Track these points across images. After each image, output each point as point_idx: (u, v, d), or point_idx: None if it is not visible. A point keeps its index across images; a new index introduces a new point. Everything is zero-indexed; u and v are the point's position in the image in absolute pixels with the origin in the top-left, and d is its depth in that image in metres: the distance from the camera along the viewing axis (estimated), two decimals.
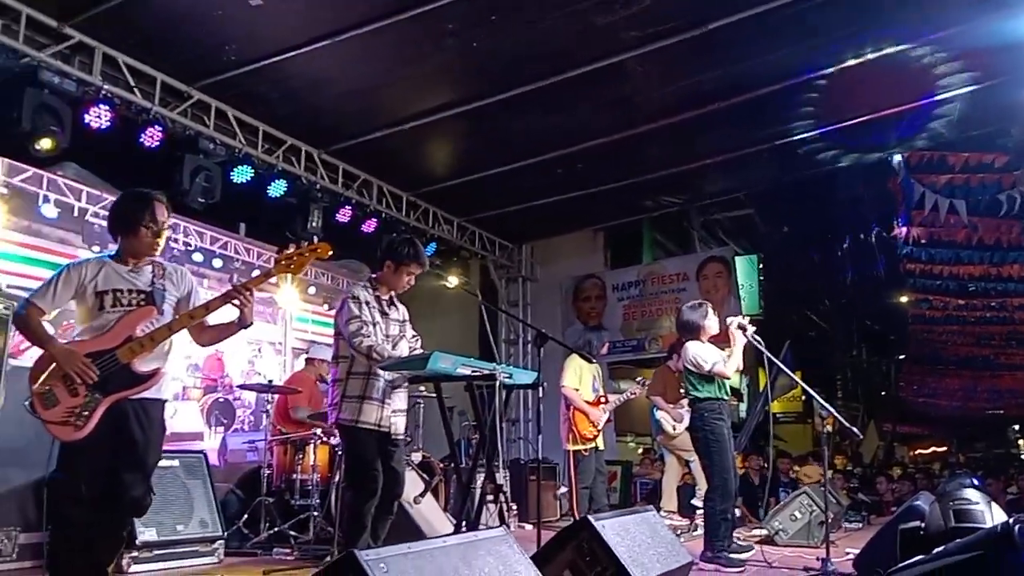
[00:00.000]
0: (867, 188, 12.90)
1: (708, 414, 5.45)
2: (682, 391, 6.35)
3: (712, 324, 5.68)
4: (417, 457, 6.69)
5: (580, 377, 6.78)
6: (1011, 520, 3.00)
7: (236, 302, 3.41)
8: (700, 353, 5.53)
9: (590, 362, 6.67)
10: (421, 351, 4.34)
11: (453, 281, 8.44)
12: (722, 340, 5.62)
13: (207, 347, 3.77)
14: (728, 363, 5.45)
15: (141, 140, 6.39)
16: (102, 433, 3.20)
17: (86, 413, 3.17)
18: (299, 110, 7.27)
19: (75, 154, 6.53)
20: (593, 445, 6.74)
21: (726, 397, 5.53)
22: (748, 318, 5.67)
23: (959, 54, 6.52)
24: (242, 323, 3.51)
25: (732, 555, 5.21)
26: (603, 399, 6.81)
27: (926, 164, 9.29)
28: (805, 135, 7.99)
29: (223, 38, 6.15)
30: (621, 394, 7.33)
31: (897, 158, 9.40)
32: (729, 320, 5.52)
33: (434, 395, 4.68)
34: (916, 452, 30.91)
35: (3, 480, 4.63)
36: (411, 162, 8.50)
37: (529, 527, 7.80)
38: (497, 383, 4.15)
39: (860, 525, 8.58)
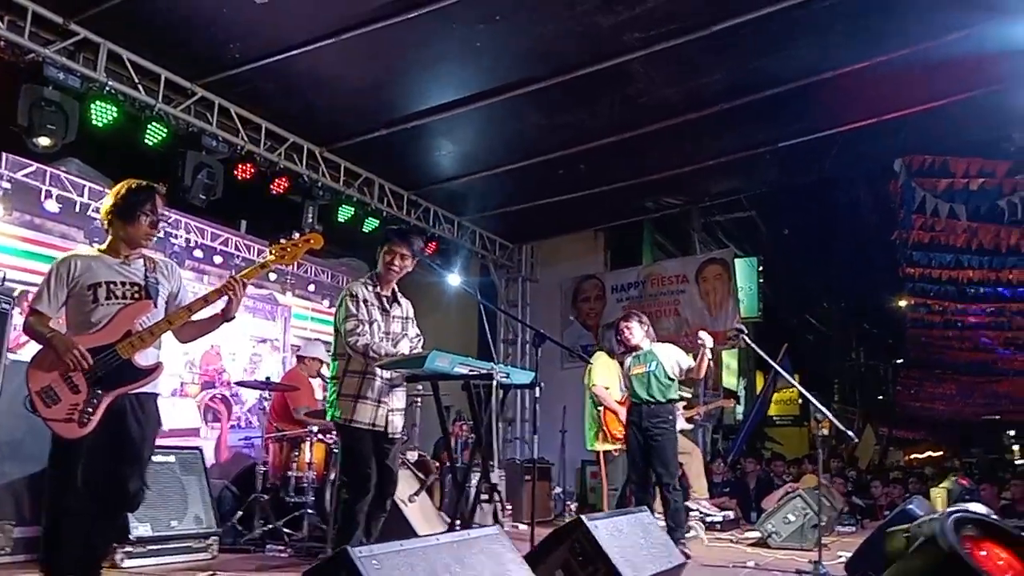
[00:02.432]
0: (867, 192, 12.92)
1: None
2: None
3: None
4: (413, 456, 6.70)
5: (609, 375, 6.77)
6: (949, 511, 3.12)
7: (229, 295, 3.44)
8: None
9: (588, 358, 6.71)
10: (421, 351, 4.35)
11: (452, 280, 8.45)
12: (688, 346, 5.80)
13: (187, 343, 3.79)
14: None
15: (144, 136, 6.42)
16: (99, 428, 3.21)
17: (90, 410, 3.19)
18: (302, 108, 7.29)
19: (78, 149, 6.56)
20: (622, 445, 6.69)
21: (636, 400, 5.83)
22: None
23: (962, 59, 6.52)
24: (226, 316, 3.55)
25: None
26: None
27: (928, 169, 9.28)
28: (807, 138, 7.99)
29: (228, 36, 6.17)
30: None
31: (899, 162, 9.40)
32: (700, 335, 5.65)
33: (431, 394, 4.70)
34: (912, 456, 30.90)
35: None
36: (412, 161, 8.51)
37: (523, 527, 7.82)
38: (494, 382, 4.18)
39: (854, 528, 8.60)
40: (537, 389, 4.56)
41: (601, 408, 6.68)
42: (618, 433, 6.61)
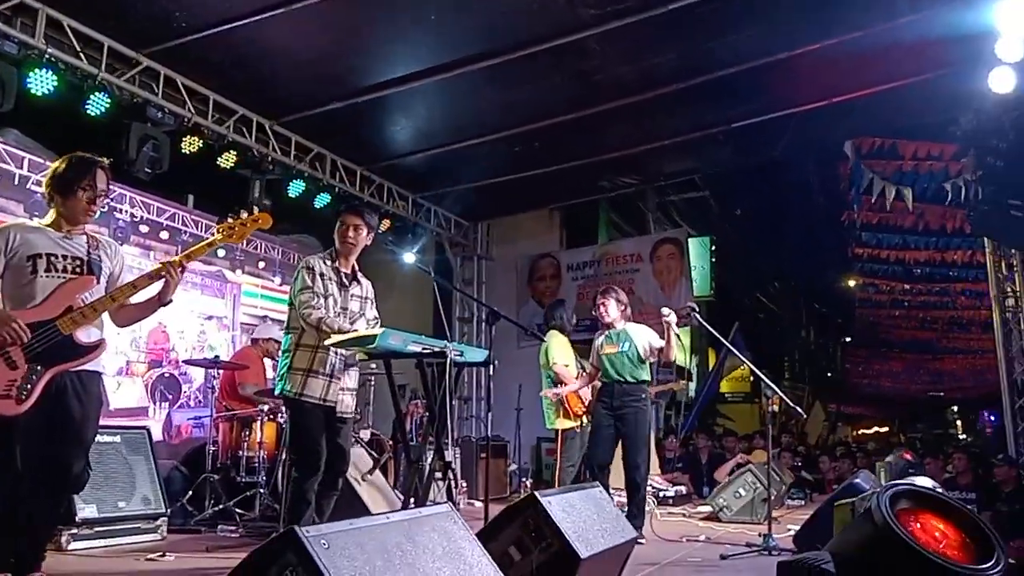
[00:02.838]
0: (818, 174, 13.12)
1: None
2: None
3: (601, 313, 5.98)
4: (366, 435, 6.66)
5: (567, 354, 6.76)
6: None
7: (165, 277, 3.35)
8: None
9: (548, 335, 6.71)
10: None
11: (407, 258, 8.37)
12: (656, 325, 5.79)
13: (124, 327, 3.70)
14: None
15: (86, 107, 6.20)
16: (38, 407, 3.12)
17: (28, 386, 3.09)
18: (251, 79, 7.11)
19: (17, 119, 6.32)
20: (580, 422, 6.66)
21: (607, 380, 5.77)
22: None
23: (912, 43, 6.61)
24: (162, 300, 3.45)
25: None
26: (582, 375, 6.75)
27: (877, 151, 9.43)
28: (760, 119, 8.05)
29: (174, 3, 5.97)
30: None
31: (849, 144, 9.54)
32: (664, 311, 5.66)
33: (383, 372, 4.65)
34: (859, 432, 31.72)
35: None
36: (366, 136, 8.37)
37: (479, 504, 7.84)
38: (447, 360, 4.15)
39: (802, 502, 8.79)
40: (491, 367, 4.54)
41: (561, 386, 6.69)
42: (578, 410, 6.63)
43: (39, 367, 3.13)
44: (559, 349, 6.74)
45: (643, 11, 6.14)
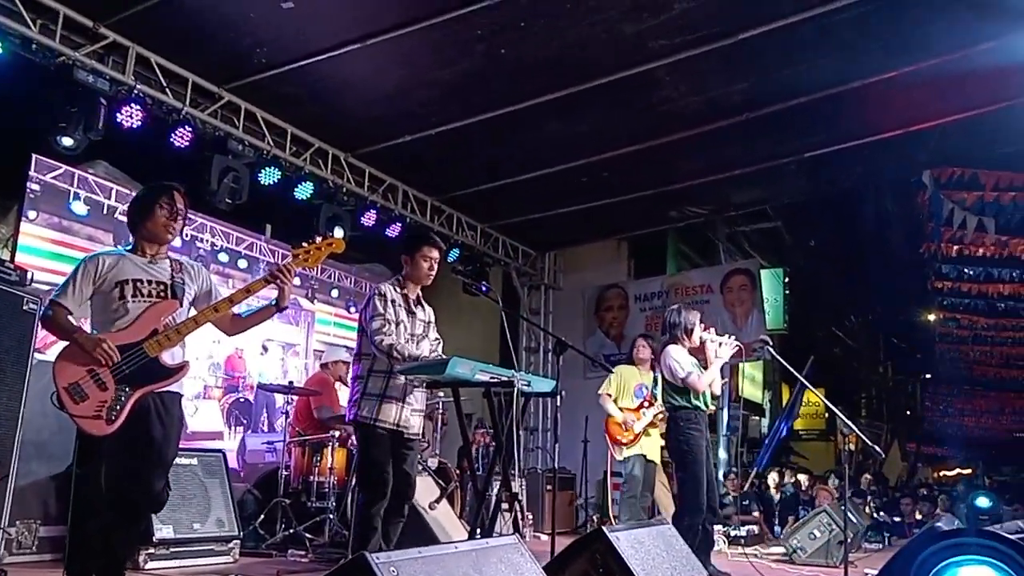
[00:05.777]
0: (895, 204, 12.77)
1: (683, 424, 5.31)
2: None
3: (698, 330, 5.54)
4: (434, 463, 6.68)
5: (620, 384, 6.66)
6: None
7: (277, 284, 3.50)
8: (677, 359, 5.38)
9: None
10: (440, 355, 4.35)
11: (477, 287, 8.40)
12: (699, 353, 5.53)
13: (235, 335, 3.83)
14: (703, 377, 5.33)
15: (171, 140, 6.48)
16: (122, 428, 3.20)
17: (117, 407, 3.18)
18: (327, 113, 7.32)
19: (106, 152, 6.63)
20: (638, 452, 6.42)
21: (703, 408, 5.39)
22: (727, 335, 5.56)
23: (991, 70, 6.42)
24: (279, 305, 3.60)
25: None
26: (646, 402, 6.54)
27: (956, 181, 9.17)
28: (833, 148, 7.90)
29: (254, 40, 6.20)
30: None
31: (927, 174, 9.29)
32: (703, 335, 5.42)
33: (451, 399, 4.67)
34: (940, 473, 30.39)
35: (25, 473, 4.68)
36: (437, 167, 8.51)
37: (544, 537, 7.77)
38: (515, 390, 4.14)
39: (880, 546, 8.46)
40: (559, 398, 4.51)
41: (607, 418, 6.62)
42: (621, 439, 6.45)
43: (127, 388, 3.22)
44: (608, 382, 6.68)
45: (714, 41, 6.12)
